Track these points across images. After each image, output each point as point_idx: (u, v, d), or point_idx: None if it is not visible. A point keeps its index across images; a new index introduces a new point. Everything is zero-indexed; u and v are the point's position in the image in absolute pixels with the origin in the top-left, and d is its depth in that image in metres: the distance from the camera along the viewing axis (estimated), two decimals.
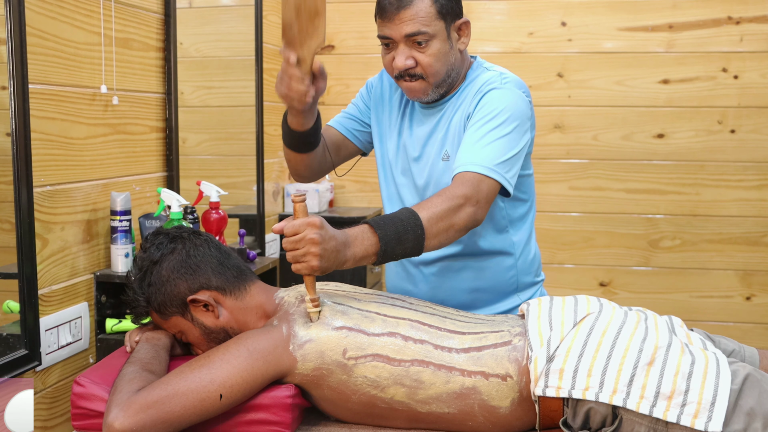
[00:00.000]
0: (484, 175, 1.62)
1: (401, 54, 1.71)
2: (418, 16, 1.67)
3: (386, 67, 1.77)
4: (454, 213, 1.57)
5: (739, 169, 3.36)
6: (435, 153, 1.80)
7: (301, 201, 1.46)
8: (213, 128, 2.87)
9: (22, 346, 1.75)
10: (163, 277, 1.60)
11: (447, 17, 1.71)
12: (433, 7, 1.69)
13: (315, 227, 1.43)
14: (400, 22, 1.68)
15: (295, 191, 1.41)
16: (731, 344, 1.62)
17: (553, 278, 3.45)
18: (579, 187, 3.48)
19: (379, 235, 1.50)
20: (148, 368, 1.50)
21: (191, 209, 2.23)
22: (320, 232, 1.43)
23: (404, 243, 1.52)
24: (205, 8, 2.87)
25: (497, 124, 1.67)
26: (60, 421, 1.92)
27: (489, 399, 1.48)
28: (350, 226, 1.52)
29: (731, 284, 3.43)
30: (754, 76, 3.32)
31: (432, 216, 1.55)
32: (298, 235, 1.43)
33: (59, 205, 1.88)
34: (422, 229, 1.53)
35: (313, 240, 1.43)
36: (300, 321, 1.53)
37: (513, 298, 1.87)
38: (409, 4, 1.67)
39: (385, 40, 1.73)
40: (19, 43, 1.69)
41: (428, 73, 1.72)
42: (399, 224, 1.52)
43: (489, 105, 1.70)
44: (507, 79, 1.76)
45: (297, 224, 1.44)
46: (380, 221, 1.52)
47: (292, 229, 1.44)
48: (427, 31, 1.68)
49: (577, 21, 3.41)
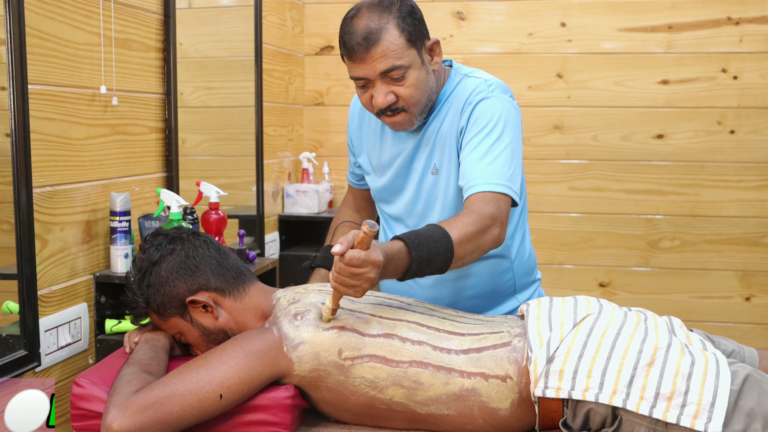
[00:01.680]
0: (502, 193, 1.61)
1: (380, 92, 1.66)
2: (389, 50, 1.62)
3: (365, 105, 1.72)
4: (482, 235, 1.55)
5: (739, 169, 3.36)
6: (423, 168, 1.78)
7: (373, 235, 1.37)
8: (212, 129, 2.87)
9: (21, 347, 1.75)
10: (162, 278, 1.60)
11: (417, 43, 1.66)
12: (402, 37, 1.63)
13: (377, 268, 1.39)
14: (372, 60, 1.62)
15: (370, 221, 1.37)
16: (731, 345, 1.62)
17: (553, 279, 3.45)
18: (578, 188, 3.48)
19: (413, 256, 1.46)
20: (147, 369, 1.50)
21: (191, 210, 2.23)
22: (379, 272, 1.39)
23: (432, 264, 1.49)
24: (204, 9, 2.87)
25: (497, 136, 1.66)
26: (59, 421, 1.92)
27: (489, 400, 1.48)
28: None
29: (731, 285, 3.43)
30: (753, 76, 3.32)
31: (462, 238, 1.52)
32: (359, 270, 1.38)
33: (59, 205, 1.88)
34: (452, 252, 1.50)
35: (370, 280, 1.39)
36: (286, 323, 1.52)
37: (511, 300, 1.87)
38: (377, 41, 1.61)
39: (360, 81, 1.68)
40: (19, 43, 1.69)
41: (410, 104, 1.68)
42: (432, 245, 1.48)
43: (483, 117, 1.68)
44: (492, 85, 1.73)
45: (361, 258, 1.36)
46: (415, 240, 1.47)
47: (356, 261, 1.36)
48: (401, 63, 1.63)
49: (576, 21, 3.41)
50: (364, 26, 1.62)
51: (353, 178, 2.05)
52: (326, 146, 3.63)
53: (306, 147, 3.64)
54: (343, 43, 1.65)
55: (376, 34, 1.61)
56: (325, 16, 3.57)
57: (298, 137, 3.58)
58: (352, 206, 2.08)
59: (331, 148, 3.62)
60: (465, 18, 3.46)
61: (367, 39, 1.61)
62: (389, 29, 1.62)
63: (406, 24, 1.64)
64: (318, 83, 3.62)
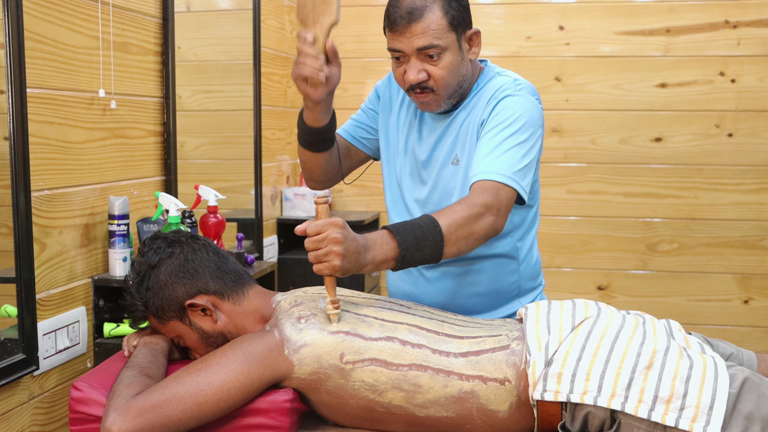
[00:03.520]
0: (503, 184, 1.62)
1: (413, 68, 1.69)
2: (429, 29, 1.65)
3: (397, 79, 1.75)
4: (475, 221, 1.57)
5: (737, 172, 3.37)
6: (444, 157, 1.79)
7: (324, 202, 1.47)
8: (211, 132, 2.87)
9: (19, 351, 1.75)
10: (161, 281, 1.60)
11: (458, 28, 1.69)
12: (445, 19, 1.66)
13: (338, 227, 1.44)
14: (411, 35, 1.66)
15: (318, 191, 1.43)
16: (729, 348, 1.62)
17: (551, 282, 3.46)
18: (577, 191, 3.48)
19: (398, 240, 1.50)
20: (146, 372, 1.50)
21: (189, 213, 2.23)
22: (343, 232, 1.44)
23: (423, 249, 1.52)
24: (203, 12, 2.87)
25: (513, 131, 1.67)
26: (58, 425, 1.92)
27: (487, 403, 1.48)
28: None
29: (729, 288, 3.43)
30: (751, 79, 3.33)
31: (452, 223, 1.54)
32: (321, 234, 1.44)
33: (57, 209, 1.88)
34: (441, 236, 1.53)
35: (335, 239, 1.43)
36: (289, 325, 1.52)
37: (514, 302, 1.87)
38: (420, 17, 1.65)
39: (396, 53, 1.71)
40: (17, 47, 1.69)
41: (440, 86, 1.70)
42: (418, 230, 1.52)
43: (504, 112, 1.69)
44: (521, 85, 1.75)
45: (320, 224, 1.44)
46: (399, 227, 1.52)
47: (315, 228, 1.44)
48: (439, 44, 1.66)
49: (574, 25, 3.41)
50: (411, 2, 1.66)
51: (346, 129, 1.97)
52: None
53: None
54: (388, 15, 1.69)
55: (420, 11, 1.65)
56: None
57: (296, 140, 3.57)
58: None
59: None
60: None
61: (410, 14, 1.65)
62: (434, 9, 1.66)
63: (451, 8, 1.68)
64: None
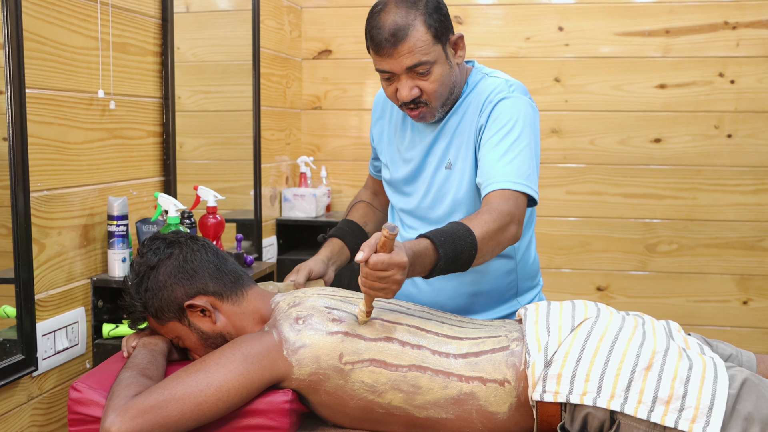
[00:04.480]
0: (520, 192, 1.63)
1: (405, 86, 1.69)
2: (416, 47, 1.64)
3: (389, 97, 1.75)
4: (502, 232, 1.57)
5: (736, 173, 3.37)
6: (437, 161, 1.80)
7: (394, 237, 1.38)
8: (210, 133, 2.87)
9: (18, 352, 1.75)
10: (160, 282, 1.59)
11: (442, 38, 1.69)
12: (429, 34, 1.65)
13: (402, 269, 1.40)
14: (399, 56, 1.65)
15: (390, 224, 1.38)
16: (728, 349, 1.62)
17: (551, 283, 3.45)
18: (576, 192, 3.48)
19: (440, 253, 1.48)
20: (145, 373, 1.50)
21: (188, 214, 2.23)
22: (405, 273, 1.41)
23: (458, 261, 1.51)
24: (202, 13, 2.87)
25: (516, 136, 1.67)
26: (57, 426, 1.91)
27: (487, 404, 1.48)
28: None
29: (728, 289, 3.43)
30: (750, 80, 3.33)
31: (485, 235, 1.54)
32: (385, 273, 1.39)
33: (56, 209, 1.88)
34: (476, 249, 1.52)
35: (398, 282, 1.41)
36: (287, 326, 1.52)
37: (512, 302, 1.87)
38: (405, 37, 1.64)
39: (385, 74, 1.70)
40: (16, 47, 1.69)
41: (433, 98, 1.71)
42: (458, 243, 1.50)
43: (503, 116, 1.70)
44: (513, 86, 1.76)
45: (386, 262, 1.38)
46: (441, 238, 1.49)
47: (380, 265, 1.38)
48: (427, 59, 1.66)
49: (574, 26, 3.41)
50: (392, 22, 1.64)
51: (373, 168, 2.11)
52: (324, 150, 3.63)
53: (304, 151, 3.64)
54: (371, 37, 1.67)
55: (404, 30, 1.64)
56: (322, 20, 3.58)
57: (295, 141, 3.58)
58: (371, 189, 2.15)
59: (328, 152, 3.62)
60: (462, 22, 3.47)
61: (394, 35, 1.64)
62: (416, 26, 1.65)
63: (433, 20, 1.66)
64: (316, 87, 3.62)
